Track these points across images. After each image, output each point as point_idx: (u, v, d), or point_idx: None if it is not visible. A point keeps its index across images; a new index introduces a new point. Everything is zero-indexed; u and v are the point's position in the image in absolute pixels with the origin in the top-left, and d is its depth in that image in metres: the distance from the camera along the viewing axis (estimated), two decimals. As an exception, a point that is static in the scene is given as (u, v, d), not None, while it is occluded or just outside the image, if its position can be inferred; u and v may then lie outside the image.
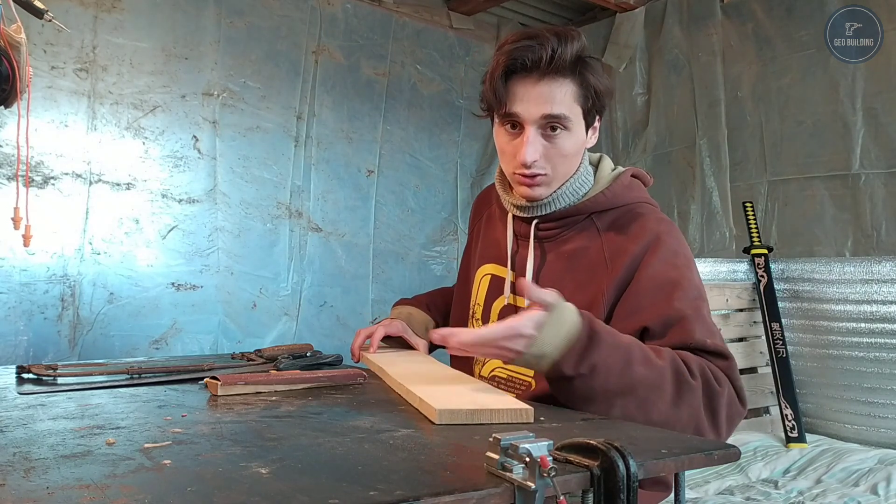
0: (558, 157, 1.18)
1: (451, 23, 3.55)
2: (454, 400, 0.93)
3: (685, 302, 1.10)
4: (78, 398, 1.07)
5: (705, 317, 1.12)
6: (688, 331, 1.08)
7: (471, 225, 1.51)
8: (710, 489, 2.10)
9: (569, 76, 1.15)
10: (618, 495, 0.64)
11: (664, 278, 1.12)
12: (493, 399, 0.94)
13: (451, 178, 3.52)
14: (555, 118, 1.15)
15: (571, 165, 1.21)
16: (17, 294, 2.40)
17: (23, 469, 0.66)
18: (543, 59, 1.13)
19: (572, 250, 1.22)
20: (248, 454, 0.72)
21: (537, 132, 1.16)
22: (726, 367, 1.09)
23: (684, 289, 1.12)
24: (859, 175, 2.65)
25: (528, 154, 1.15)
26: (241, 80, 2.89)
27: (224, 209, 2.83)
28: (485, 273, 1.36)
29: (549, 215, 1.24)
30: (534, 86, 1.15)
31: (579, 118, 1.18)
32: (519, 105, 1.16)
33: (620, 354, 1.00)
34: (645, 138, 3.41)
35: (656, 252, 1.15)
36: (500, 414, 0.87)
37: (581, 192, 1.24)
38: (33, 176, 2.42)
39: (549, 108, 1.14)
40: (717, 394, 1.04)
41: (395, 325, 1.45)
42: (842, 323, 2.55)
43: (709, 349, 1.08)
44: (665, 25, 3.31)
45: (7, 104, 1.30)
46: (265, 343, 2.83)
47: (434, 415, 0.88)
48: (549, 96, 1.14)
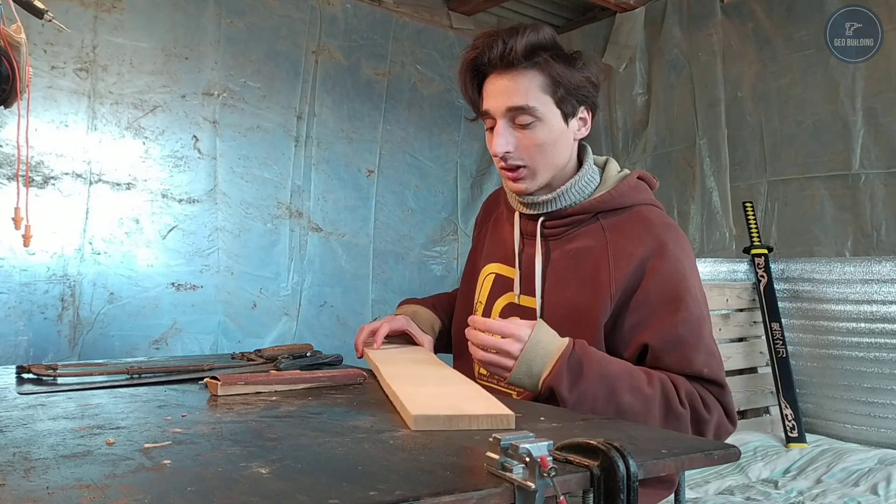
0: (533, 147, 1.19)
1: (451, 23, 3.55)
2: (434, 404, 0.90)
3: (688, 326, 1.12)
4: (78, 398, 1.07)
5: (706, 340, 1.15)
6: (687, 358, 1.11)
7: (477, 228, 1.51)
8: (710, 489, 2.10)
9: (529, 67, 1.17)
10: (618, 495, 0.64)
11: (670, 294, 1.14)
12: (473, 404, 0.91)
13: (451, 178, 3.52)
14: (519, 109, 1.17)
15: (553, 156, 1.21)
16: (17, 294, 2.40)
17: (23, 469, 0.66)
18: (494, 55, 1.17)
19: (577, 249, 1.22)
20: (248, 454, 0.72)
21: (507, 125, 1.19)
22: (719, 394, 1.12)
23: (688, 308, 1.13)
24: (859, 175, 2.65)
25: (497, 145, 1.19)
26: (242, 79, 2.89)
27: (224, 209, 2.84)
28: (489, 272, 1.36)
29: (554, 213, 1.25)
30: (497, 80, 1.19)
31: (550, 107, 1.19)
32: (488, 101, 1.21)
33: (606, 384, 1.05)
34: (645, 138, 3.41)
35: (663, 260, 1.15)
36: (479, 420, 0.85)
37: (587, 192, 1.25)
38: (33, 176, 2.42)
39: (509, 100, 1.17)
40: (704, 421, 1.08)
41: (399, 321, 1.43)
42: (842, 323, 2.55)
43: (705, 378, 1.12)
44: (665, 25, 3.31)
45: (7, 104, 1.30)
46: (265, 343, 2.83)
47: (411, 420, 0.85)
48: (510, 88, 1.17)
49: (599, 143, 3.61)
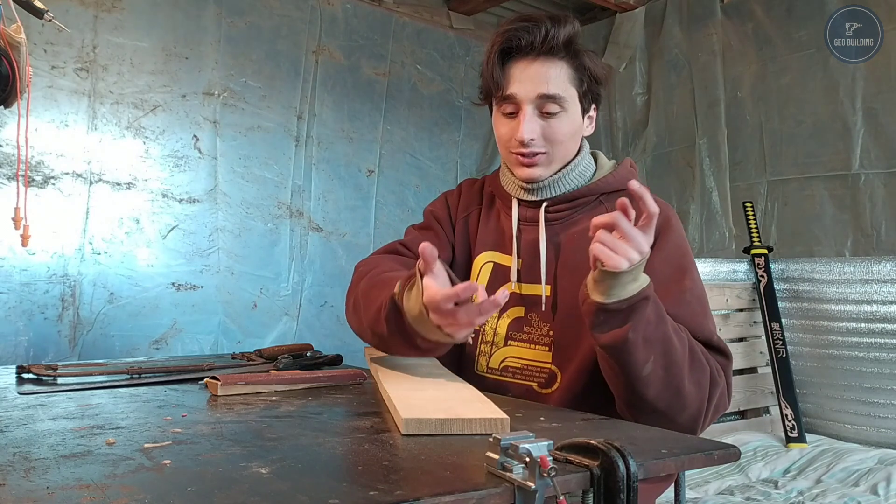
0: (555, 137, 1.19)
1: (451, 23, 3.55)
2: (427, 408, 0.88)
3: (695, 294, 1.14)
4: (78, 398, 1.07)
5: (709, 312, 1.16)
6: (699, 324, 1.11)
7: (459, 213, 1.37)
8: (710, 489, 2.10)
9: (563, 57, 1.18)
10: (618, 495, 0.64)
11: (677, 265, 1.15)
12: (468, 408, 0.89)
13: (451, 178, 3.52)
14: (550, 98, 1.17)
15: (569, 149, 1.22)
16: (17, 294, 2.40)
17: (23, 469, 0.66)
18: (537, 40, 1.16)
19: (584, 231, 1.19)
20: (248, 454, 0.72)
21: (534, 111, 1.18)
22: (725, 364, 1.12)
23: (694, 279, 1.15)
24: (859, 175, 2.65)
25: (525, 131, 1.17)
26: (242, 79, 2.89)
27: (224, 209, 2.84)
28: (486, 260, 1.32)
29: (558, 198, 1.25)
30: (529, 66, 1.18)
31: (575, 101, 1.20)
32: (515, 86, 1.19)
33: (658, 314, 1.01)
34: (645, 138, 3.41)
35: (668, 233, 1.17)
36: (472, 424, 0.84)
37: (587, 175, 1.26)
38: (33, 176, 2.42)
39: (544, 87, 1.17)
40: (716, 384, 1.08)
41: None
42: (842, 323, 2.55)
43: (714, 345, 1.12)
44: (665, 25, 3.31)
45: (7, 104, 1.30)
46: (265, 343, 2.83)
47: (402, 424, 0.84)
48: (544, 76, 1.17)
49: (599, 143, 3.61)
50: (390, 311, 1.07)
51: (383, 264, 1.28)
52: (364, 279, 1.24)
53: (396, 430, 0.84)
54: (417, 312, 1.01)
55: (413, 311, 1.02)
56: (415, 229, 1.40)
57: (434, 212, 1.40)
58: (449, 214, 1.39)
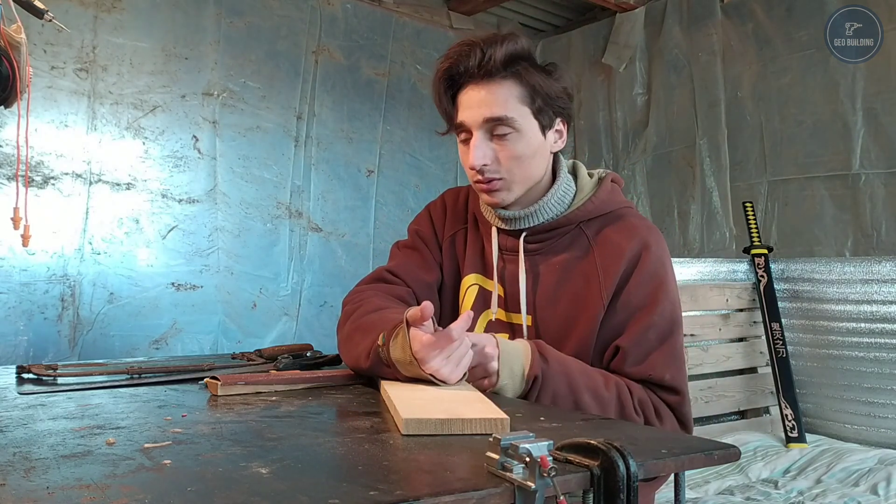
0: (511, 159, 1.16)
1: (451, 23, 3.55)
2: (427, 408, 0.88)
3: (657, 330, 1.14)
4: (78, 398, 1.07)
5: (674, 346, 1.16)
6: (652, 365, 1.13)
7: (447, 228, 1.36)
8: (710, 489, 2.10)
9: (508, 77, 1.14)
10: (618, 495, 0.64)
11: (648, 297, 1.15)
12: (469, 408, 0.89)
13: (451, 178, 3.52)
14: (497, 120, 1.14)
15: (530, 168, 1.19)
16: (17, 294, 2.40)
17: (23, 469, 0.66)
18: (473, 64, 1.14)
19: (564, 261, 1.21)
20: (248, 454, 0.72)
21: (484, 136, 1.16)
22: (677, 402, 1.14)
23: (662, 313, 1.15)
24: (859, 175, 2.65)
25: (475, 157, 1.15)
26: (241, 79, 2.89)
27: (224, 209, 2.84)
28: (471, 283, 1.31)
29: (537, 227, 1.23)
30: (473, 91, 1.16)
31: (528, 119, 1.16)
32: (463, 112, 1.17)
33: (567, 381, 1.07)
34: (645, 138, 3.41)
35: (645, 263, 1.16)
36: (472, 424, 0.84)
37: (566, 202, 1.23)
38: (33, 176, 2.42)
39: (488, 110, 1.14)
40: (653, 425, 1.11)
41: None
42: (842, 323, 2.55)
43: (665, 385, 1.14)
44: (665, 25, 3.31)
45: (7, 104, 1.30)
46: (265, 343, 2.83)
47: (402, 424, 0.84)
48: (488, 99, 1.14)
49: (599, 144, 3.61)
50: (374, 363, 1.09)
51: (368, 302, 1.24)
52: (349, 322, 1.22)
53: (396, 430, 0.84)
54: (408, 362, 1.02)
55: (402, 359, 1.03)
56: (400, 250, 1.37)
57: (419, 231, 1.37)
58: (434, 233, 1.36)
